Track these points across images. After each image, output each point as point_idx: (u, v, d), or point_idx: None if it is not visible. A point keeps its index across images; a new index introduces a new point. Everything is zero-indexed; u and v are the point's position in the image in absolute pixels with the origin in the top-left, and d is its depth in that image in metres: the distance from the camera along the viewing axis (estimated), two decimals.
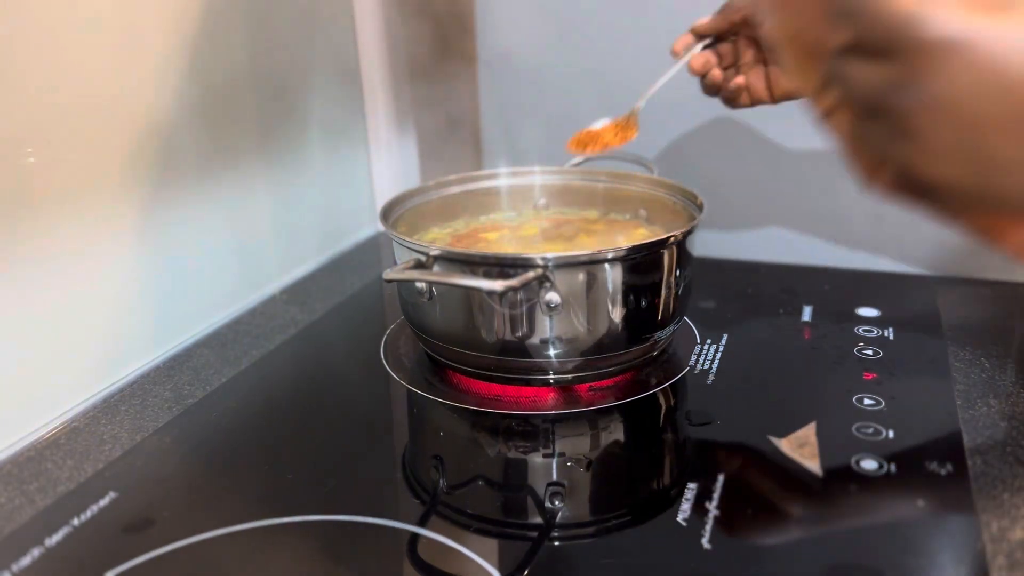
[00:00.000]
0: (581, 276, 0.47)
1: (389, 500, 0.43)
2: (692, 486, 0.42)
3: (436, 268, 0.48)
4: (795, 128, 0.70)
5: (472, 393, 0.52)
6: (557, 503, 0.42)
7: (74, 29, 0.51)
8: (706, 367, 0.54)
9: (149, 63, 0.56)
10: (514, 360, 0.49)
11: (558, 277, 0.46)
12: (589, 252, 0.47)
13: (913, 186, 0.25)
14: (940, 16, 0.21)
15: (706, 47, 0.55)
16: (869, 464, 0.43)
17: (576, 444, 0.47)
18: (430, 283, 0.49)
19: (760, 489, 0.42)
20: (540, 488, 0.43)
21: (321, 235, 0.78)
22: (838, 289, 0.66)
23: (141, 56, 0.56)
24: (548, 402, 0.50)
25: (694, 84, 0.72)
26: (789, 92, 0.52)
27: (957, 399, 0.49)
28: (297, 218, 0.74)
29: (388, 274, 0.46)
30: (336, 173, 0.80)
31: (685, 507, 0.40)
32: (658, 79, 0.57)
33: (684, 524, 0.39)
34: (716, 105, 0.72)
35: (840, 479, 0.42)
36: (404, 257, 0.51)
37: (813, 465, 0.43)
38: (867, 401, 0.49)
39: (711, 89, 0.55)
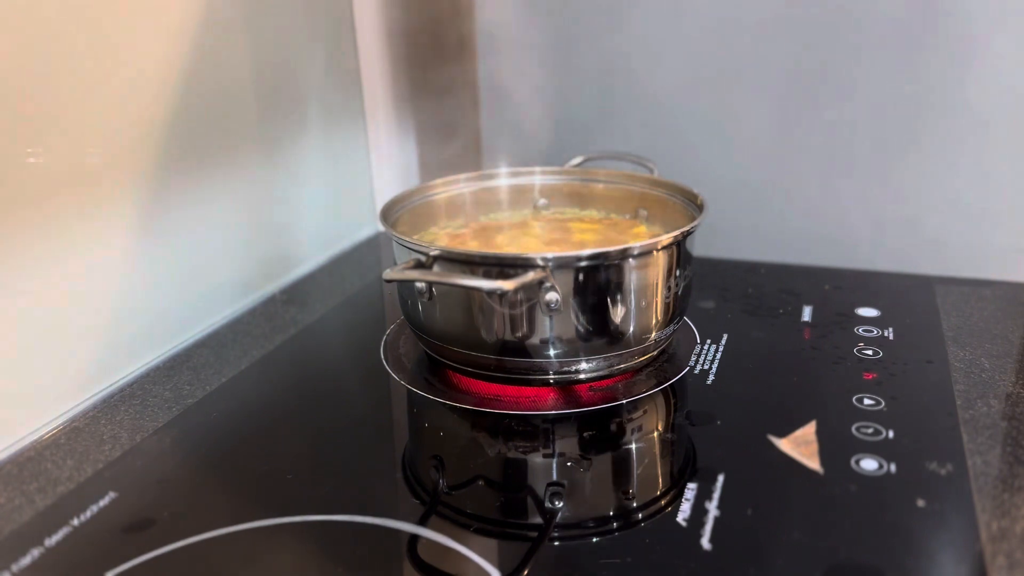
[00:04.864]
0: (581, 276, 0.47)
1: (389, 500, 0.43)
2: (692, 486, 0.42)
3: (436, 268, 0.48)
4: (796, 128, 0.70)
5: (472, 393, 0.52)
6: (557, 503, 0.42)
7: (74, 29, 0.51)
8: (706, 367, 0.54)
9: (149, 63, 0.56)
10: (514, 360, 0.49)
11: (558, 277, 0.46)
12: (589, 252, 0.47)
13: None
14: None
15: None
16: (869, 464, 0.43)
17: (576, 444, 0.47)
18: (430, 283, 0.49)
19: (760, 489, 0.42)
20: (540, 488, 0.43)
21: (321, 235, 0.78)
22: (838, 289, 0.66)
23: (141, 56, 0.56)
24: (548, 402, 0.50)
25: (694, 84, 0.72)
26: None
27: (957, 399, 0.49)
28: (297, 218, 0.74)
29: (388, 274, 0.46)
30: (336, 173, 0.80)
31: (685, 507, 0.40)
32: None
33: (684, 524, 0.39)
34: (716, 105, 0.72)
35: (840, 479, 0.42)
36: (404, 257, 0.51)
37: (813, 465, 0.43)
38: (867, 401, 0.49)
39: None
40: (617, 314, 0.49)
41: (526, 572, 0.37)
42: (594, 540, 0.39)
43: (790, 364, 0.54)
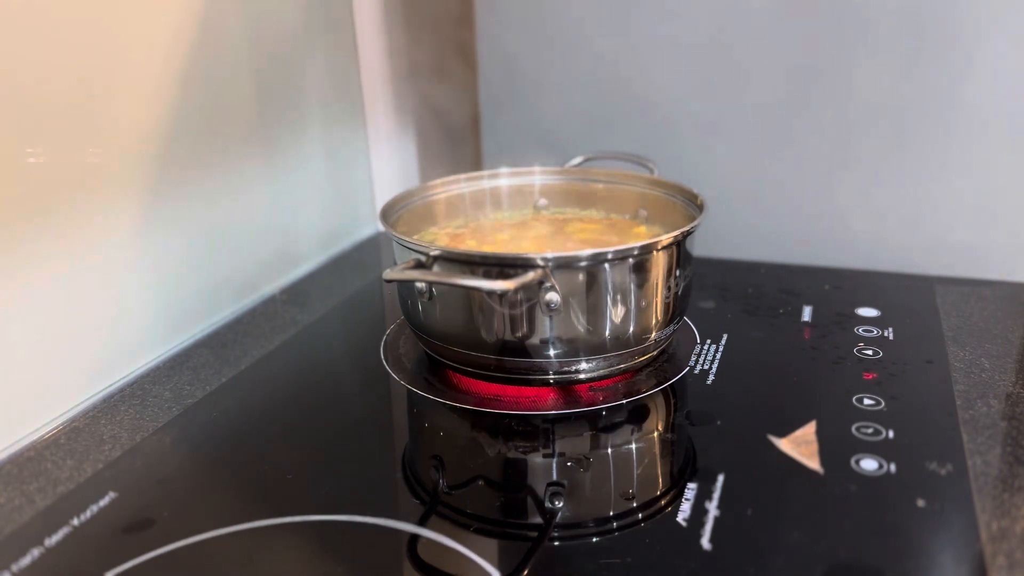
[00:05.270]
0: (581, 276, 0.47)
1: (389, 500, 0.43)
2: (692, 486, 0.42)
3: (436, 268, 0.48)
4: (795, 128, 0.70)
5: (472, 393, 0.52)
6: (557, 503, 0.42)
7: (75, 29, 0.51)
8: (706, 367, 0.54)
9: (149, 63, 0.56)
10: (514, 360, 0.49)
11: (558, 277, 0.46)
12: (589, 252, 0.47)
13: None
14: None
15: None
16: (869, 464, 0.43)
17: (576, 444, 0.47)
18: (430, 283, 0.49)
19: (760, 489, 0.42)
20: (540, 488, 0.43)
21: (321, 235, 0.78)
22: (838, 289, 0.66)
23: (141, 56, 0.56)
24: (548, 402, 0.50)
25: (694, 84, 0.72)
26: None
27: (957, 399, 0.49)
28: (297, 218, 0.74)
29: (388, 274, 0.46)
30: (336, 173, 0.80)
31: (685, 507, 0.40)
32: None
33: (684, 524, 0.39)
34: (716, 105, 0.72)
35: (840, 479, 0.42)
36: (404, 257, 0.51)
37: (813, 465, 0.43)
38: (867, 401, 0.49)
39: None
40: (617, 314, 0.49)
41: (526, 572, 0.37)
42: (594, 540, 0.39)
43: (790, 364, 0.54)
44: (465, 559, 0.38)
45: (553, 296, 0.46)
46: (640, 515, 0.41)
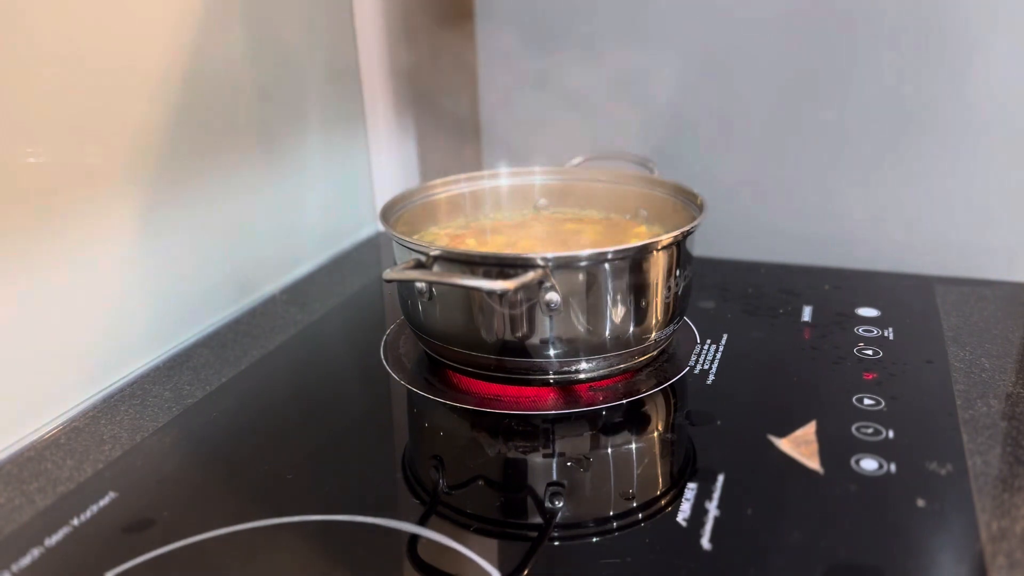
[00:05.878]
0: (581, 276, 0.47)
1: (389, 500, 0.43)
2: (692, 486, 0.42)
3: (436, 268, 0.48)
4: (795, 128, 0.70)
5: (472, 393, 0.52)
6: (557, 503, 0.42)
7: (74, 30, 0.51)
8: (706, 367, 0.54)
9: (149, 63, 0.56)
10: (514, 360, 0.49)
11: (558, 277, 0.46)
12: (589, 252, 0.47)
13: None
14: None
15: None
16: (869, 464, 0.43)
17: (576, 444, 0.47)
18: (430, 283, 0.49)
19: (760, 489, 0.42)
20: (540, 488, 0.43)
21: (321, 235, 0.78)
22: (838, 289, 0.66)
23: (141, 56, 0.56)
24: (548, 402, 0.50)
25: (694, 84, 0.72)
26: None
27: (957, 399, 0.49)
28: (297, 218, 0.74)
29: (388, 274, 0.46)
30: (336, 173, 0.80)
31: (685, 507, 0.40)
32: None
33: (684, 524, 0.39)
34: (716, 105, 0.72)
35: (840, 479, 0.42)
36: (404, 257, 0.51)
37: (813, 465, 0.43)
38: (867, 401, 0.49)
39: None
40: (617, 314, 0.49)
41: (526, 572, 0.37)
42: (594, 540, 0.39)
43: (790, 364, 0.54)
44: (465, 559, 0.38)
45: (553, 296, 0.46)
46: (640, 515, 0.41)
